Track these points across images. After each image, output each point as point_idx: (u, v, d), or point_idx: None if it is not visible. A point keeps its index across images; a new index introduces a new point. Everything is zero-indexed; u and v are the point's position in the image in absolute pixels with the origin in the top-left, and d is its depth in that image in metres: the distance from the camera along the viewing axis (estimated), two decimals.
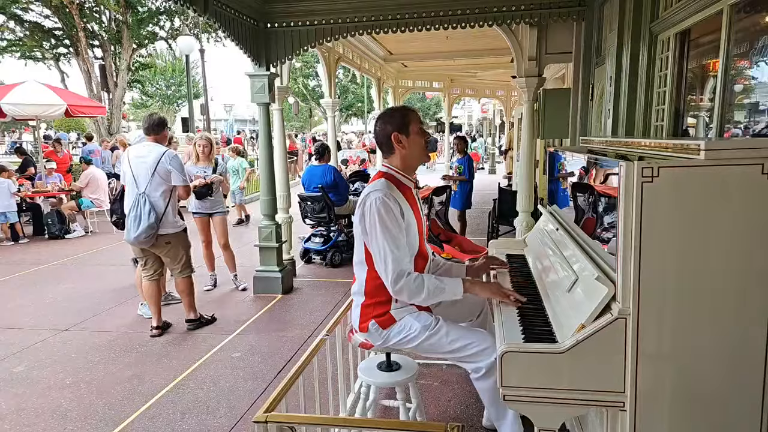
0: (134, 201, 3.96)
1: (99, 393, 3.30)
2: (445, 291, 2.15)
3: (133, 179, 3.99)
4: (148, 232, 3.93)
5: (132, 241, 4.00)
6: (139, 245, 4.05)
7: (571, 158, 2.71)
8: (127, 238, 4.00)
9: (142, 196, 3.96)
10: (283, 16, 4.82)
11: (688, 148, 1.54)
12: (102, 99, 15.89)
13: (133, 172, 3.99)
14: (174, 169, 4.04)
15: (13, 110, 9.57)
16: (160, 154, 4.01)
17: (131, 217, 3.95)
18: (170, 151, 4.13)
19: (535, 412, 1.66)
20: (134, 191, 3.99)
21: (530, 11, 4.29)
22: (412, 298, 2.16)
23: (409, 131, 2.23)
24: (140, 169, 3.98)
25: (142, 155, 4.02)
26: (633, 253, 1.50)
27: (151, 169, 3.97)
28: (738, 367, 1.52)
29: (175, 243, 4.15)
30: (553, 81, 7.26)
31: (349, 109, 33.27)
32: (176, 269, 4.22)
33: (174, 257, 4.18)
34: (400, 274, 2.10)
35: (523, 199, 5.00)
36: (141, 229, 3.91)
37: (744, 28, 2.21)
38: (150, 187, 3.98)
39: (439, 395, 3.12)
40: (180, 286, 4.30)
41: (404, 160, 2.28)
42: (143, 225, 3.91)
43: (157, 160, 3.98)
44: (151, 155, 4.00)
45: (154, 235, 3.98)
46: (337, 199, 6.29)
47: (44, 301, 5.17)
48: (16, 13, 15.28)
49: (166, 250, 4.14)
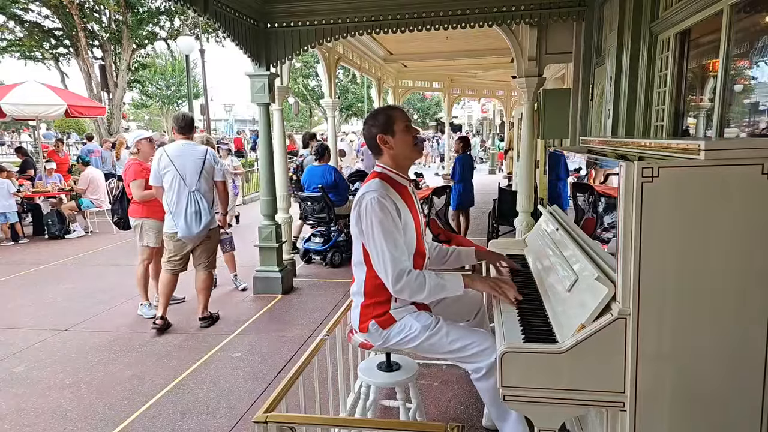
0: (188, 198, 4.12)
1: (99, 393, 3.30)
2: (446, 287, 2.15)
3: (180, 177, 4.10)
4: (209, 226, 4.22)
5: (193, 237, 4.16)
6: (198, 240, 4.24)
7: (574, 158, 2.71)
8: (188, 233, 4.13)
9: (195, 192, 4.14)
10: (283, 16, 4.82)
11: (688, 148, 1.54)
12: (102, 99, 15.89)
13: (178, 170, 4.10)
14: (217, 165, 4.32)
15: (13, 110, 9.57)
16: (204, 151, 4.23)
17: (189, 213, 4.11)
18: (211, 150, 4.36)
19: (535, 412, 1.66)
20: (183, 189, 4.12)
21: (530, 11, 4.29)
22: (413, 296, 2.16)
23: (393, 131, 2.22)
24: (187, 167, 4.13)
25: (186, 153, 4.17)
26: (633, 253, 1.50)
27: (199, 166, 4.16)
28: (738, 367, 1.52)
29: (214, 236, 4.42)
30: (553, 81, 7.27)
31: (349, 109, 33.25)
32: (204, 263, 4.37)
33: (210, 249, 4.41)
34: (401, 273, 2.10)
35: (523, 199, 5.00)
36: (204, 224, 4.15)
37: (744, 28, 2.21)
38: (200, 183, 4.16)
39: (439, 395, 3.12)
40: (205, 282, 4.41)
41: (394, 159, 2.27)
42: (205, 219, 4.16)
43: (203, 158, 4.20)
44: (195, 153, 4.20)
45: (209, 228, 4.23)
46: (337, 199, 6.30)
47: (44, 301, 5.17)
48: (16, 13, 15.28)
49: (207, 243, 4.35)
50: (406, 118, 2.27)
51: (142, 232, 4.54)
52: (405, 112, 2.31)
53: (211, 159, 4.26)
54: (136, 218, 4.56)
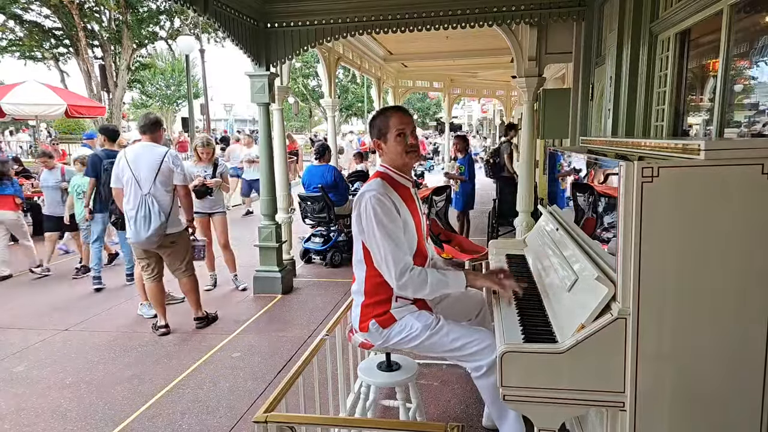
0: (139, 202, 3.92)
1: (99, 393, 3.30)
2: (449, 284, 2.18)
3: (135, 180, 3.95)
4: (159, 232, 3.94)
5: (142, 242, 3.97)
6: (149, 245, 4.02)
7: (575, 158, 2.70)
8: (137, 238, 3.96)
9: (148, 196, 3.93)
10: (283, 16, 4.82)
11: (688, 148, 1.54)
12: (102, 99, 15.89)
13: (133, 172, 3.95)
14: (176, 168, 4.05)
15: (13, 110, 9.58)
16: (162, 153, 4.00)
17: (139, 217, 3.91)
18: (172, 151, 4.13)
19: (535, 412, 1.66)
20: (137, 192, 3.95)
21: (530, 11, 4.29)
22: (416, 293, 2.17)
23: (386, 138, 2.24)
24: (142, 170, 3.95)
25: (142, 155, 3.99)
26: (633, 253, 1.50)
27: (154, 169, 3.95)
28: (738, 367, 1.53)
29: (179, 242, 4.17)
30: (553, 81, 7.27)
31: (349, 109, 33.27)
32: (180, 269, 4.21)
33: (177, 256, 4.17)
34: (403, 269, 2.11)
35: (523, 199, 5.00)
36: (152, 230, 3.90)
37: (744, 28, 2.21)
38: (155, 187, 3.95)
39: (439, 395, 3.12)
40: (186, 286, 4.29)
41: (393, 161, 2.29)
42: (154, 225, 3.90)
43: (160, 160, 3.97)
44: (152, 155, 3.98)
45: (163, 234, 3.98)
46: (337, 199, 6.29)
47: (44, 301, 5.17)
48: (16, 12, 15.29)
49: (170, 250, 4.13)
50: (401, 124, 2.21)
51: None
52: (404, 115, 2.25)
53: (170, 161, 3.99)
54: None
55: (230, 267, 5.44)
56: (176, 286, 4.46)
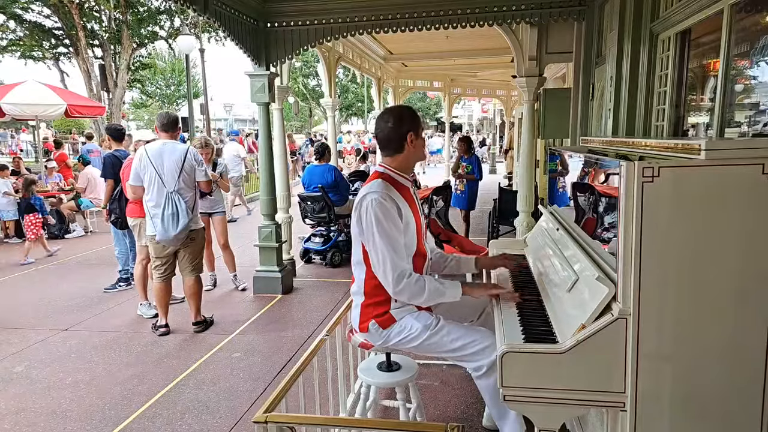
0: (165, 199, 3.93)
1: (99, 393, 3.30)
2: (445, 294, 2.18)
3: (159, 177, 3.96)
4: (186, 229, 3.98)
5: (170, 239, 3.97)
6: (176, 243, 4.04)
7: (576, 158, 2.70)
8: (165, 236, 3.94)
9: (174, 193, 3.95)
10: (282, 16, 4.82)
11: (688, 147, 1.54)
12: (102, 99, 15.89)
13: (156, 170, 3.96)
14: (198, 165, 4.12)
15: (13, 110, 9.58)
16: (183, 151, 4.04)
17: (167, 215, 3.91)
18: (192, 148, 4.18)
19: (536, 412, 1.66)
20: (161, 189, 3.95)
21: (530, 11, 4.29)
22: (412, 299, 2.17)
23: (419, 133, 2.28)
24: (166, 167, 3.96)
25: (164, 152, 3.99)
26: (633, 253, 1.50)
27: (178, 167, 3.98)
28: (738, 367, 1.52)
29: (198, 238, 4.21)
30: (553, 81, 7.26)
31: (349, 109, 33.26)
32: (189, 267, 4.20)
33: (195, 253, 4.20)
34: (401, 275, 2.11)
35: (524, 199, 5.00)
36: (181, 227, 3.93)
37: (744, 27, 2.21)
38: (179, 184, 3.98)
39: (439, 395, 3.12)
40: (192, 289, 4.26)
41: (408, 159, 2.29)
42: (182, 222, 3.94)
43: (183, 157, 4.01)
44: (175, 152, 4.01)
45: (188, 231, 4.03)
46: (337, 199, 6.29)
47: (44, 301, 5.16)
48: (16, 12, 15.28)
49: (192, 247, 4.16)
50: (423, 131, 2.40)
51: (140, 231, 4.52)
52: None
53: (192, 159, 4.05)
54: (134, 218, 4.55)
55: (230, 267, 5.44)
56: (176, 285, 4.45)
